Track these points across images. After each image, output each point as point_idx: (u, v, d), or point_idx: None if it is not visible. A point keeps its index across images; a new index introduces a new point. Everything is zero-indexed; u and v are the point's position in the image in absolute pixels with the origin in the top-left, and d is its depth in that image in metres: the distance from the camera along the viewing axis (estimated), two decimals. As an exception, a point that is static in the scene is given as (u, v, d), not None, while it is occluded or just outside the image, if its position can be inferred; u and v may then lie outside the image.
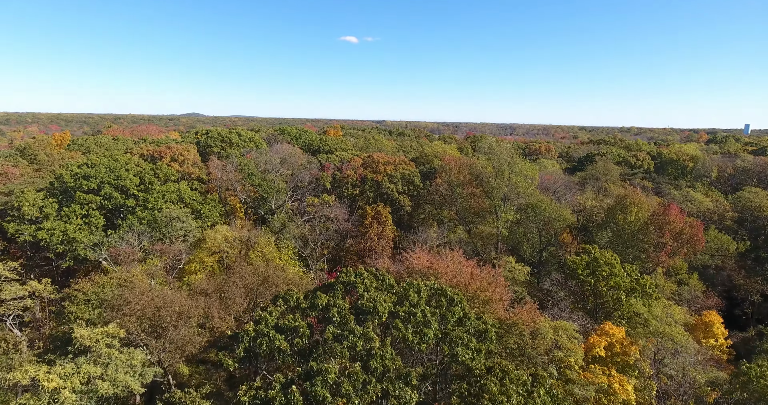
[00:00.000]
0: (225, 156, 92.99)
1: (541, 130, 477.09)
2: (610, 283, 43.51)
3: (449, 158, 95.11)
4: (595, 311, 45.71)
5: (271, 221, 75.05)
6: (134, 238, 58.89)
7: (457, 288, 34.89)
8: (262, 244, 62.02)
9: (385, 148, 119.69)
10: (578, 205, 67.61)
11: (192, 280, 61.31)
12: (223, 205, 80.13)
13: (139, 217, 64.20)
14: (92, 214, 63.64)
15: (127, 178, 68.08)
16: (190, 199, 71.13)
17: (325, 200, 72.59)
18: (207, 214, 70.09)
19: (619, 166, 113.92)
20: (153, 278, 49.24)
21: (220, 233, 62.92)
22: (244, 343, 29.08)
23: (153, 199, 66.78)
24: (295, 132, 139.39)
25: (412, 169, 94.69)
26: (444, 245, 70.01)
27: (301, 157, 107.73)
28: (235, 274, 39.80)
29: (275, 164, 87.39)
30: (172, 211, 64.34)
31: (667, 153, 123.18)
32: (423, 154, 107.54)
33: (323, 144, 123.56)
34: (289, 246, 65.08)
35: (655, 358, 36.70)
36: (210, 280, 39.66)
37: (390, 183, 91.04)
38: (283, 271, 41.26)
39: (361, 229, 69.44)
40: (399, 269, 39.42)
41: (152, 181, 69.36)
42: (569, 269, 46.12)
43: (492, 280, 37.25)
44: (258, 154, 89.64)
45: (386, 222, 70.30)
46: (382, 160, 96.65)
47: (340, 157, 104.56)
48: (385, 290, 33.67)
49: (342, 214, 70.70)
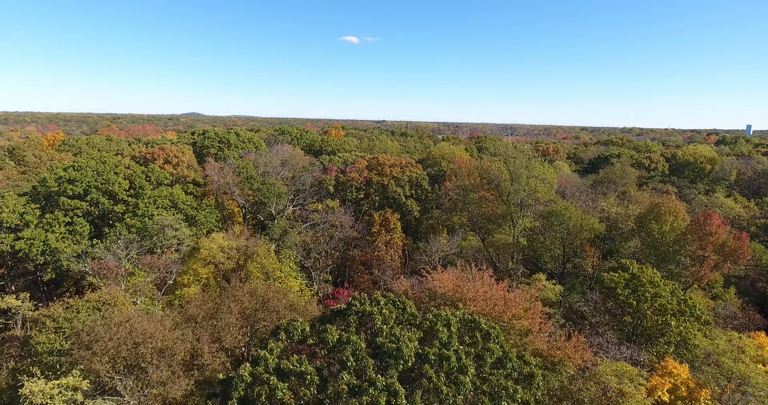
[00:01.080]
0: (222, 158, 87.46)
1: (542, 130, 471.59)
2: (655, 305, 38.08)
3: (459, 160, 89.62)
4: (633, 333, 40.27)
5: (271, 228, 69.55)
6: (122, 249, 53.31)
7: (490, 316, 29.50)
8: (261, 254, 56.53)
9: (390, 149, 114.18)
10: (601, 211, 62.11)
11: (185, 294, 55.95)
12: (220, 210, 74.61)
13: (128, 224, 58.63)
14: (77, 222, 58.07)
15: (116, 182, 62.52)
16: (184, 205, 65.57)
17: (330, 206, 67.06)
18: (202, 221, 64.53)
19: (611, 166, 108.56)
20: (139, 297, 43.75)
21: (215, 242, 57.40)
22: (238, 391, 23.57)
23: (143, 205, 61.19)
24: (295, 132, 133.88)
25: (419, 172, 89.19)
26: (457, 255, 64.63)
27: (302, 159, 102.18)
28: (229, 297, 34.26)
29: (275, 166, 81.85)
30: (164, 218, 58.78)
31: (681, 155, 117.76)
32: (430, 156, 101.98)
33: (325, 145, 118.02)
34: (290, 256, 59.59)
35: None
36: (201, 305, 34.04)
37: (397, 186, 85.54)
38: (284, 294, 35.72)
39: (368, 238, 63.94)
40: (419, 293, 33.98)
41: (143, 186, 63.79)
42: (605, 287, 40.66)
43: (529, 307, 31.84)
44: (257, 156, 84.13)
45: (395, 229, 64.81)
46: (387, 162, 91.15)
47: (343, 158, 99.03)
48: (407, 322, 28.16)
49: (347, 221, 65.18)
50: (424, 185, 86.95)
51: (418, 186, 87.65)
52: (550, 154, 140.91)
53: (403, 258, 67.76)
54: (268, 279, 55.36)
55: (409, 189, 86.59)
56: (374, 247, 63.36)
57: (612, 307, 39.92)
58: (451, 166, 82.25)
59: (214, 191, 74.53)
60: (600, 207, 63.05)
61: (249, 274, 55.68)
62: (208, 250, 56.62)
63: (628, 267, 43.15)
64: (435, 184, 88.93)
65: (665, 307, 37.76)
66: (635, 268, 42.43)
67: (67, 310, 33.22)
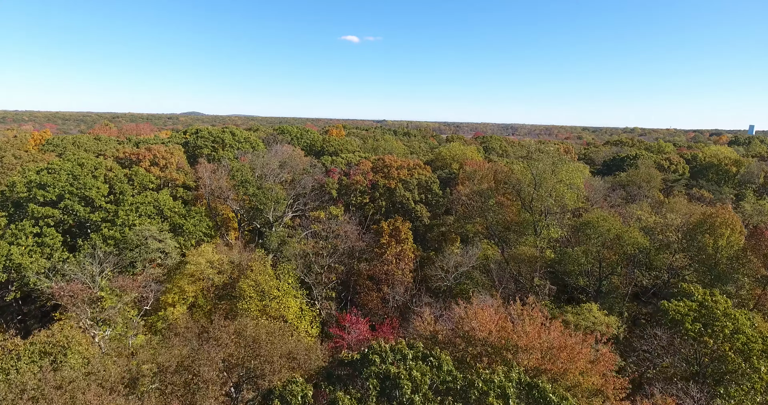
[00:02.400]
0: (216, 159, 79.92)
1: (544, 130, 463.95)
2: (737, 344, 30.70)
3: (472, 162, 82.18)
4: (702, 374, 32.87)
5: (269, 236, 62.07)
6: (96, 265, 45.77)
7: (551, 372, 22.24)
8: (256, 270, 49.05)
9: (396, 149, 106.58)
10: (637, 220, 54.65)
11: (169, 315, 48.48)
12: (213, 217, 66.98)
13: (105, 235, 51.06)
14: (47, 233, 50.51)
15: (94, 187, 54.92)
16: (170, 212, 58.03)
17: (333, 214, 59.57)
18: (190, 230, 56.97)
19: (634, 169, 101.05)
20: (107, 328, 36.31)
21: (204, 256, 49.90)
22: None
23: (123, 213, 53.63)
24: (296, 132, 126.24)
25: (429, 175, 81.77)
26: (476, 269, 57.21)
27: (302, 160, 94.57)
28: (210, 341, 26.77)
29: (273, 168, 74.25)
30: (147, 228, 51.27)
31: (702, 156, 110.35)
32: (439, 157, 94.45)
33: (327, 145, 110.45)
34: (289, 270, 52.10)
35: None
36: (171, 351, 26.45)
37: (405, 190, 78.12)
38: (281, 334, 28.22)
39: (377, 250, 56.45)
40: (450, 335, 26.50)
41: (124, 190, 56.21)
42: (669, 319, 33.25)
43: (596, 357, 24.49)
44: (254, 157, 76.52)
45: (406, 240, 57.33)
46: (394, 163, 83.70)
47: (346, 159, 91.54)
48: (445, 386, 20.69)
49: (353, 231, 57.71)
50: (435, 189, 79.57)
51: (428, 190, 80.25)
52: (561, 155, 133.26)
53: (416, 271, 60.32)
54: (264, 299, 47.99)
55: (419, 193, 79.21)
56: (383, 261, 55.90)
57: (678, 344, 32.48)
58: (466, 169, 74.76)
59: (207, 195, 66.97)
60: (636, 215, 55.61)
61: (242, 292, 48.24)
62: (195, 265, 49.14)
63: (691, 293, 35.74)
64: (446, 188, 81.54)
65: (750, 346, 30.37)
66: (700, 294, 35.04)
67: (5, 357, 25.71)
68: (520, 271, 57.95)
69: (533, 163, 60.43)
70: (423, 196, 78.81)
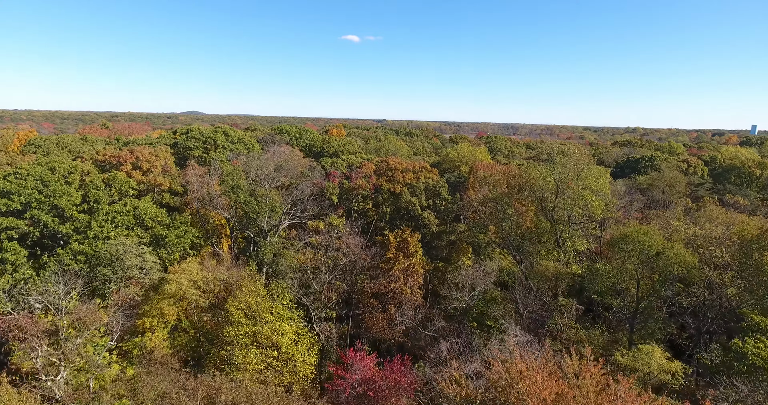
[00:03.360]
0: (207, 161, 73.43)
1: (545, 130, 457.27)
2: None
3: (483, 165, 75.71)
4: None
5: (262, 248, 55.66)
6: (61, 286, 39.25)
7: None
8: (246, 290, 42.57)
9: (400, 151, 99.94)
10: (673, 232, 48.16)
11: (147, 342, 42.12)
12: (202, 225, 60.44)
13: (74, 251, 44.56)
14: (8, 248, 44.03)
15: (65, 195, 48.42)
16: (152, 221, 51.56)
17: (334, 225, 53.11)
18: (174, 242, 50.48)
19: (656, 172, 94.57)
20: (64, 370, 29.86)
21: (186, 274, 43.46)
22: None
23: (97, 224, 47.13)
24: (294, 131, 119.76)
25: (437, 179, 75.31)
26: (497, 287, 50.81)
27: (301, 162, 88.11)
28: None
29: (269, 172, 67.74)
30: (121, 242, 44.76)
31: (722, 158, 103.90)
32: (447, 159, 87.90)
33: (327, 145, 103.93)
34: (284, 289, 45.61)
35: None
36: None
37: (411, 196, 71.67)
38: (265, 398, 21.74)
39: (382, 265, 49.98)
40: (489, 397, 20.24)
41: (99, 198, 49.69)
42: (748, 365, 26.83)
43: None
44: (249, 159, 70.02)
45: (415, 253, 50.84)
46: (399, 166, 77.21)
47: (347, 161, 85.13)
48: None
49: (356, 243, 51.26)
50: (443, 194, 73.08)
51: (436, 195, 73.77)
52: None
53: (425, 285, 53.90)
54: (254, 323, 41.52)
55: (426, 198, 72.76)
56: (390, 277, 49.42)
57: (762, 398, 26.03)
58: (479, 174, 68.27)
59: (196, 201, 60.41)
60: (671, 225, 49.18)
61: (229, 316, 41.79)
62: (177, 285, 42.70)
63: (762, 326, 29.26)
64: (455, 193, 75.08)
65: None
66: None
67: None
68: (541, 288, 51.51)
69: (555, 168, 53.99)
70: (430, 202, 72.38)
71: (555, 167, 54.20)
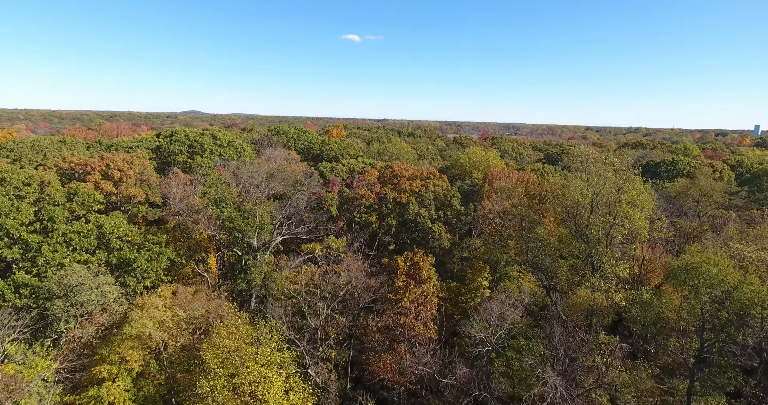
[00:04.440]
0: (193, 168, 65.05)
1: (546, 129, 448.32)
2: None
3: (499, 172, 67.36)
4: None
5: (251, 269, 47.45)
6: None
7: None
8: (225, 332, 34.34)
9: (405, 154, 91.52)
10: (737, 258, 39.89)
11: (103, 395, 34.01)
12: (185, 240, 52.03)
13: (17, 283, 36.28)
14: (-64, 278, 35.77)
15: (12, 212, 40.13)
16: (120, 242, 43.25)
17: (334, 248, 44.80)
18: (144, 267, 42.18)
19: (686, 179, 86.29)
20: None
21: (151, 313, 35.18)
22: None
23: (50, 249, 38.84)
24: (292, 133, 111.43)
25: (447, 187, 67.05)
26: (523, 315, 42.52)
27: (298, 166, 79.86)
28: None
29: (261, 180, 59.41)
30: (75, 272, 36.45)
31: (749, 162, 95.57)
32: (457, 164, 79.50)
33: (326, 148, 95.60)
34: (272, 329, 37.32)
35: None
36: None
37: (419, 206, 63.43)
38: None
39: (390, 296, 41.70)
40: None
41: (55, 216, 41.36)
42: None
43: None
44: (239, 165, 61.66)
45: (429, 280, 42.58)
46: (405, 172, 68.99)
47: (348, 166, 76.86)
48: None
49: (358, 266, 42.95)
50: (455, 205, 64.78)
51: (447, 205, 65.45)
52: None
53: (439, 317, 45.57)
54: (237, 375, 33.32)
55: (436, 209, 64.49)
56: (399, 309, 41.13)
57: None
58: (500, 185, 59.92)
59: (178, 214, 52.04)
60: (734, 249, 40.86)
61: (204, 365, 33.62)
62: (140, 325, 34.44)
63: None
64: (468, 203, 66.79)
65: None
66: None
67: None
68: (577, 322, 43.22)
69: (592, 178, 45.75)
70: (440, 213, 64.10)
71: (591, 178, 45.92)
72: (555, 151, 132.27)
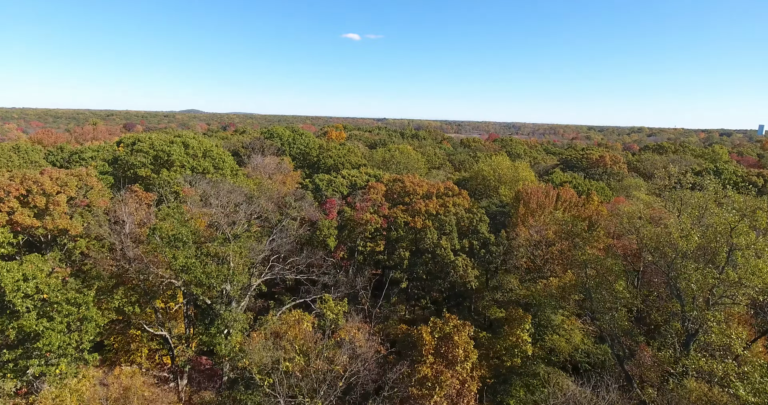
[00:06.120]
0: (157, 186, 51.06)
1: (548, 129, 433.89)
2: None
3: (534, 190, 53.59)
4: None
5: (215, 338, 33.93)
6: None
7: None
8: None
9: (415, 163, 77.40)
10: None
11: None
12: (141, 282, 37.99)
13: None
14: None
15: None
16: (25, 303, 29.49)
17: (334, 313, 31.04)
18: (54, 344, 28.38)
19: (727, 189, 72.77)
20: None
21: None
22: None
23: None
24: (287, 135, 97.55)
25: (467, 205, 53.38)
26: None
27: (289, 180, 66.17)
28: None
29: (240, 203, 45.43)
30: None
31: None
32: (479, 176, 65.52)
33: (324, 155, 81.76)
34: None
35: None
36: None
37: (438, 233, 49.79)
38: None
39: (414, 391, 28.04)
40: None
41: None
42: None
43: None
44: (212, 186, 47.68)
45: (467, 358, 28.96)
46: (419, 189, 55.33)
47: (350, 179, 63.18)
48: None
49: (369, 346, 29.33)
50: (482, 231, 51.03)
51: (473, 232, 51.75)
52: (608, 165, 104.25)
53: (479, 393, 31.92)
54: None
55: (459, 237, 50.81)
56: (421, 398, 27.55)
57: None
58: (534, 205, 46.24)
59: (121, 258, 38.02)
60: None
61: None
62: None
63: None
64: (498, 229, 53.02)
65: None
66: None
67: None
68: None
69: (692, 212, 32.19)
70: (466, 243, 50.42)
71: (690, 211, 32.28)
72: (572, 156, 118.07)
